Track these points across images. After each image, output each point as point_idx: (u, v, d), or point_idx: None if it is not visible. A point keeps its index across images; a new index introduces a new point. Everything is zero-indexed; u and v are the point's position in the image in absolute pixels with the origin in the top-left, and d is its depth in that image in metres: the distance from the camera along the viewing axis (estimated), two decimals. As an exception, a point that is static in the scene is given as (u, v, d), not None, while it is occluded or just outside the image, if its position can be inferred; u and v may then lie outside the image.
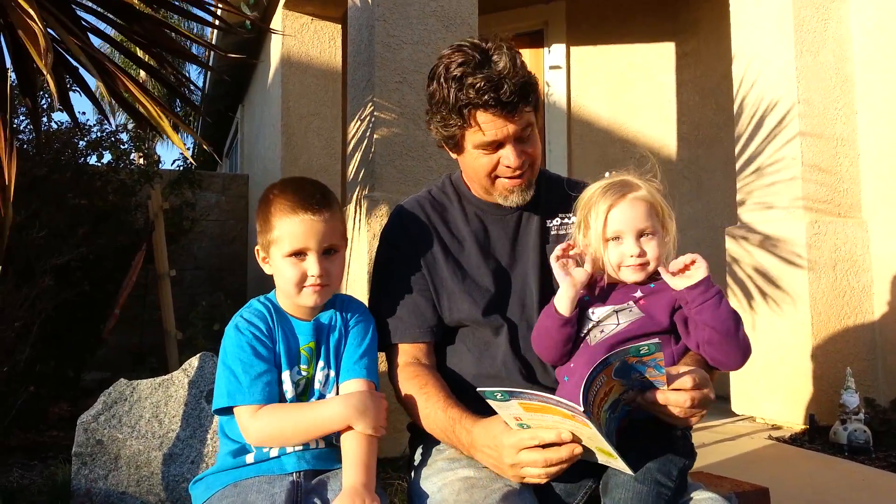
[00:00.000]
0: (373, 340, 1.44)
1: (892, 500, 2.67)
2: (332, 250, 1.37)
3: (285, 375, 1.35)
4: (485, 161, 1.47)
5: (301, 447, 1.34)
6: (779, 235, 3.75)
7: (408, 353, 1.51)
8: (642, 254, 1.33)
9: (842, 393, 3.27)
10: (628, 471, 1.14)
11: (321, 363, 1.39)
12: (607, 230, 1.35)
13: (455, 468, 1.36)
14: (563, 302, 1.34)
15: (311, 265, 1.33)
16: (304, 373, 1.37)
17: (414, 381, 1.45)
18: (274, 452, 1.34)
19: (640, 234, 1.34)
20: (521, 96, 1.40)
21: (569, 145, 5.55)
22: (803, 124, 3.73)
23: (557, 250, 1.38)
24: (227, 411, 1.34)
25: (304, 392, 1.38)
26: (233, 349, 1.34)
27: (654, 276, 1.36)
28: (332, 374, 1.40)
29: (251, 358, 1.32)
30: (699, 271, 1.29)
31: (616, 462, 1.13)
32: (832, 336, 3.60)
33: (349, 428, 1.31)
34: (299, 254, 1.34)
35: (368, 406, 1.32)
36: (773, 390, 3.70)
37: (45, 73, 1.92)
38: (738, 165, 4.06)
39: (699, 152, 5.18)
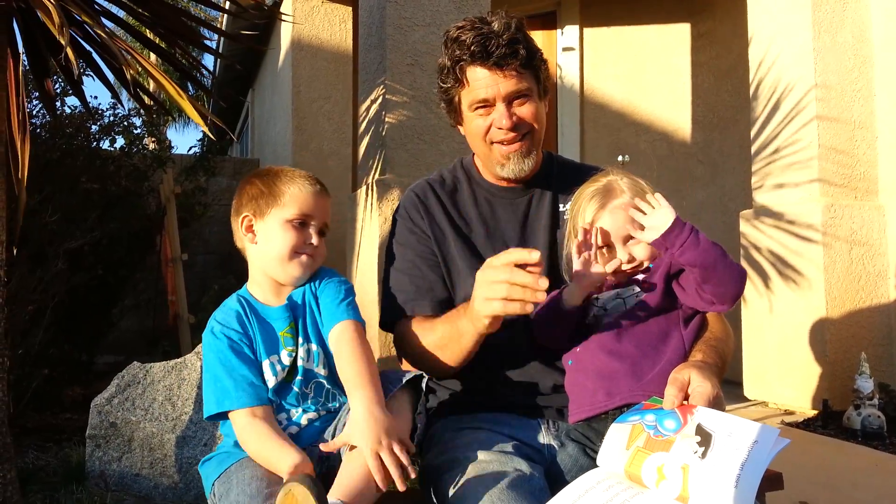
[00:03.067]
0: (349, 290, 1.46)
1: (906, 485, 2.65)
2: (325, 231, 1.44)
3: (265, 365, 1.36)
4: (480, 123, 1.50)
5: (306, 422, 1.35)
6: (794, 219, 3.70)
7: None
8: (632, 259, 1.38)
9: (856, 378, 3.24)
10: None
11: (300, 339, 1.40)
12: (596, 242, 1.38)
13: (467, 452, 1.35)
14: (573, 297, 1.37)
15: (312, 234, 1.41)
16: (291, 354, 1.38)
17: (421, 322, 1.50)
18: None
19: (627, 240, 1.37)
20: (510, 52, 1.43)
21: (581, 128, 5.50)
22: (820, 107, 3.67)
23: (577, 239, 1.38)
24: (219, 416, 1.35)
25: (290, 372, 1.38)
26: (213, 356, 1.36)
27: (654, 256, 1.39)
28: (314, 347, 1.41)
29: (232, 361, 1.34)
30: (663, 216, 1.29)
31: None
32: (847, 320, 3.56)
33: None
34: (303, 222, 1.40)
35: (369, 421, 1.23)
36: (786, 375, 3.68)
37: (62, 42, 1.91)
38: (753, 149, 4.01)
39: (714, 135, 5.11)
